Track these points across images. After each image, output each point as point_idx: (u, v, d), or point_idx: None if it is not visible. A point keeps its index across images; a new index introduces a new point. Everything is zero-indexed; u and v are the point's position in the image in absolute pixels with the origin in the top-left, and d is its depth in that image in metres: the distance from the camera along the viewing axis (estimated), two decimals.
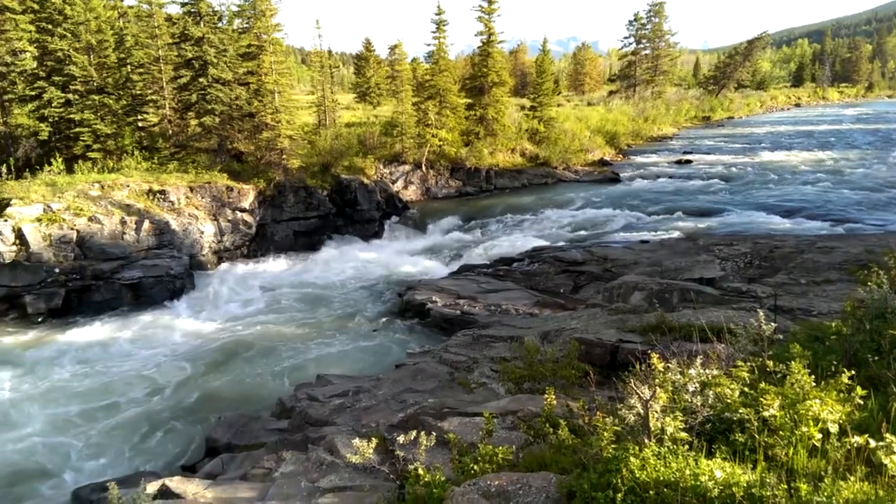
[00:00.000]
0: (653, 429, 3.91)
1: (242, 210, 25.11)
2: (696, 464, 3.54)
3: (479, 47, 38.40)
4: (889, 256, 6.55)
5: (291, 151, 27.09)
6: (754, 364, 4.94)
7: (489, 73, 36.87)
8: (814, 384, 4.18)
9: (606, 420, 4.16)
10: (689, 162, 39.03)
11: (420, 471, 4.56)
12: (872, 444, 3.51)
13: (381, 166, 32.13)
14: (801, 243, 17.71)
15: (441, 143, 33.70)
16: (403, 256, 24.86)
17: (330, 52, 59.20)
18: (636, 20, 64.19)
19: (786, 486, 3.41)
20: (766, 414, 3.98)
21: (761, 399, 4.07)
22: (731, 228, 22.74)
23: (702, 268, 15.95)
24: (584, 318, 12.76)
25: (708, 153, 42.77)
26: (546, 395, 5.63)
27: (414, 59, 52.39)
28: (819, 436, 3.79)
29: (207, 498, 6.75)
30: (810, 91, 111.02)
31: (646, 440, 3.86)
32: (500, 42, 38.34)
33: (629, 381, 4.25)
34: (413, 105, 33.73)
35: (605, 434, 3.99)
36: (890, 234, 19.41)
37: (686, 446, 3.81)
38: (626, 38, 65.80)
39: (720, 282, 14.79)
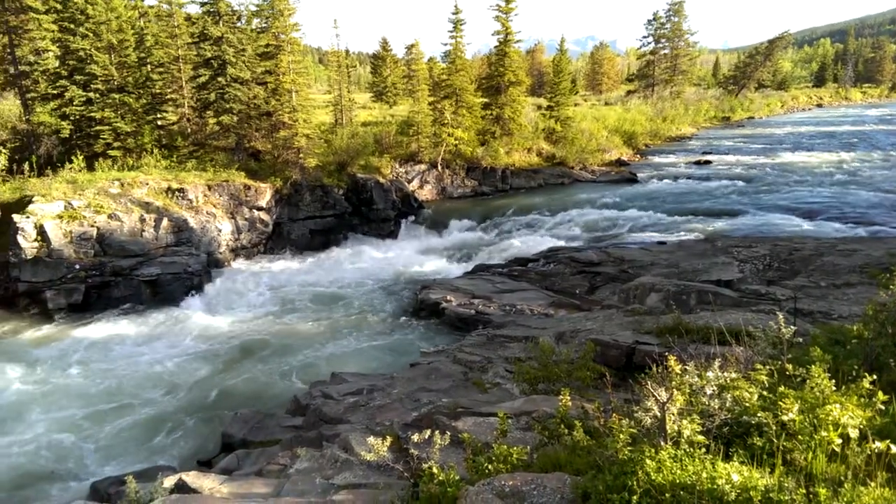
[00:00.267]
0: (669, 431, 3.88)
1: (259, 208, 25.32)
2: (713, 467, 3.51)
3: (496, 47, 38.31)
4: None
5: (308, 150, 27.26)
6: (773, 367, 4.88)
7: (506, 72, 36.77)
8: (834, 388, 4.12)
9: (622, 422, 4.14)
10: (708, 162, 38.60)
11: (434, 469, 4.57)
12: (894, 449, 3.46)
13: (397, 165, 32.21)
14: (822, 245, 17.44)
15: (457, 142, 33.69)
16: (418, 256, 24.91)
17: (347, 52, 59.47)
18: (655, 19, 63.66)
19: (804, 491, 3.36)
20: (784, 418, 3.93)
21: (780, 403, 4.02)
22: (749, 230, 22.45)
23: (720, 270, 15.77)
24: (600, 320, 12.69)
25: (727, 154, 42.25)
26: (561, 397, 5.61)
27: (431, 59, 52.54)
28: (839, 441, 3.74)
29: (223, 493, 6.82)
30: (832, 91, 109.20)
31: (662, 443, 3.83)
32: (517, 41, 38.24)
33: (646, 384, 4.22)
34: (429, 104, 33.77)
35: (621, 436, 3.97)
36: None
37: (703, 449, 3.77)
38: (644, 37, 65.33)
39: (738, 284, 14.62)
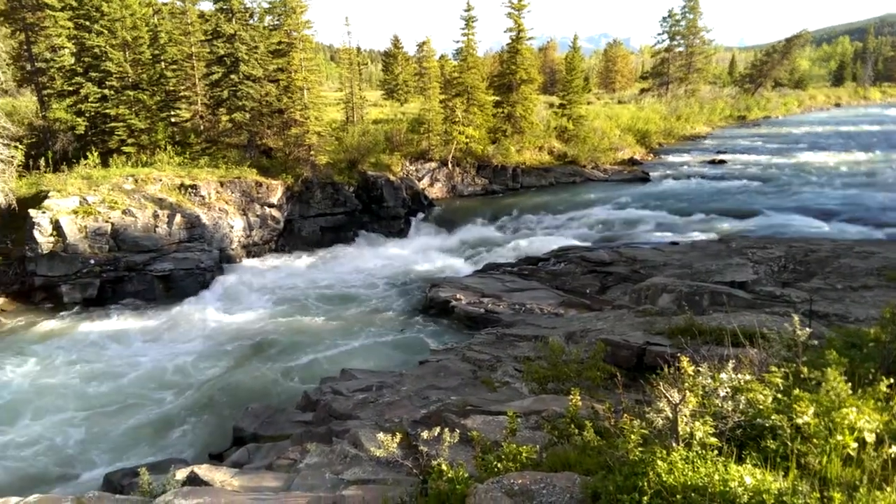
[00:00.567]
0: (681, 433, 3.84)
1: (271, 205, 25.44)
2: (726, 469, 3.47)
3: (508, 44, 38.16)
4: None
5: (319, 148, 27.34)
6: (788, 370, 4.81)
7: (518, 70, 36.63)
8: (850, 392, 4.06)
9: (633, 422, 4.10)
10: (722, 162, 38.25)
11: (443, 466, 4.56)
12: None
13: (408, 163, 32.22)
14: (838, 247, 17.23)
15: (468, 140, 33.63)
16: (428, 254, 24.91)
17: (359, 49, 59.55)
18: (670, 16, 63.09)
19: (818, 495, 3.31)
20: (799, 421, 3.87)
21: (795, 406, 3.96)
22: (765, 231, 22.23)
23: (734, 271, 15.62)
24: (611, 320, 12.62)
25: (743, 153, 41.82)
26: (571, 396, 5.58)
27: (442, 56, 52.48)
28: (855, 445, 3.68)
29: (234, 486, 6.86)
30: (851, 90, 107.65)
31: (674, 444, 3.79)
32: (529, 39, 38.06)
33: (657, 384, 4.18)
34: (440, 102, 33.74)
35: (632, 436, 3.93)
36: None
37: (715, 451, 3.73)
38: (659, 34, 64.75)
39: (753, 285, 14.47)
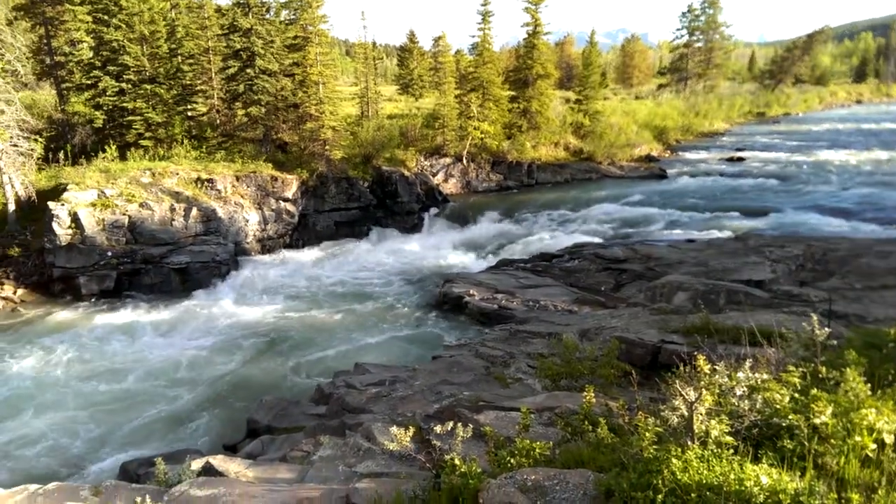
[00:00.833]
0: (697, 431, 3.81)
1: (286, 199, 25.58)
2: (741, 468, 3.44)
3: (524, 39, 37.98)
4: None
5: (334, 142, 27.42)
6: (806, 370, 4.76)
7: (534, 65, 36.44)
8: (869, 393, 4.01)
9: (648, 420, 4.08)
10: (741, 159, 37.81)
11: (456, 461, 4.56)
12: None
13: (422, 159, 32.21)
14: (858, 247, 16.98)
15: (483, 135, 33.53)
16: (442, 249, 24.91)
17: (374, 44, 59.64)
18: (690, 11, 62.46)
19: (836, 496, 3.28)
20: (817, 421, 3.83)
21: (812, 406, 3.92)
22: (783, 229, 21.95)
23: (751, 269, 15.46)
24: (625, 317, 12.54)
25: (762, 150, 41.31)
26: (585, 393, 5.56)
27: (458, 51, 52.26)
28: (873, 446, 3.64)
29: (249, 477, 6.92)
30: (873, 87, 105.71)
31: (689, 442, 3.77)
32: (546, 34, 37.82)
33: (673, 383, 4.15)
34: (455, 97, 33.66)
35: (647, 434, 3.91)
36: None
37: (731, 450, 3.70)
38: (678, 29, 64.24)
39: (770, 284, 14.32)
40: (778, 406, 4.11)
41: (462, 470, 4.46)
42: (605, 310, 14.86)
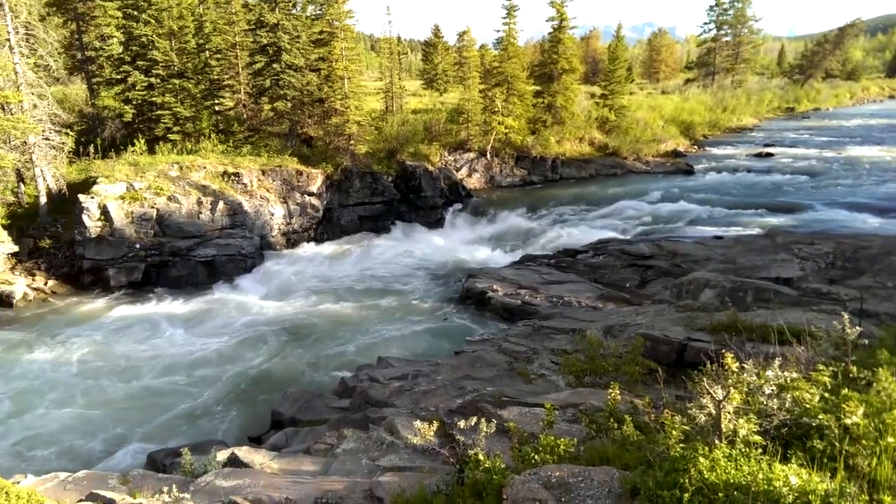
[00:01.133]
0: (724, 430, 3.77)
1: (311, 194, 25.80)
2: (770, 468, 3.39)
3: (549, 33, 37.64)
4: None
5: (359, 137, 27.56)
6: (836, 369, 4.67)
7: (559, 59, 36.11)
8: None
9: (675, 418, 4.04)
10: (770, 155, 37.04)
11: (480, 456, 4.58)
12: None
13: (446, 153, 32.18)
14: (890, 244, 16.54)
15: (507, 130, 33.38)
16: (465, 244, 24.91)
17: (399, 39, 59.72)
18: (718, 5, 61.27)
19: (867, 498, 3.22)
20: (848, 421, 3.76)
21: (843, 406, 3.84)
22: (812, 226, 21.48)
23: (779, 267, 15.17)
24: (651, 314, 12.42)
25: (791, 146, 40.40)
26: (610, 390, 5.53)
27: (482, 46, 52.02)
28: None
29: (273, 468, 7.03)
30: None
31: (716, 441, 3.73)
32: (572, 28, 37.44)
33: (700, 381, 4.10)
34: (480, 92, 33.54)
35: (674, 432, 3.87)
36: None
37: (759, 450, 3.65)
38: (706, 23, 63.04)
39: (799, 282, 14.04)
40: (808, 405, 4.05)
41: (486, 465, 4.47)
42: (629, 306, 14.72)
